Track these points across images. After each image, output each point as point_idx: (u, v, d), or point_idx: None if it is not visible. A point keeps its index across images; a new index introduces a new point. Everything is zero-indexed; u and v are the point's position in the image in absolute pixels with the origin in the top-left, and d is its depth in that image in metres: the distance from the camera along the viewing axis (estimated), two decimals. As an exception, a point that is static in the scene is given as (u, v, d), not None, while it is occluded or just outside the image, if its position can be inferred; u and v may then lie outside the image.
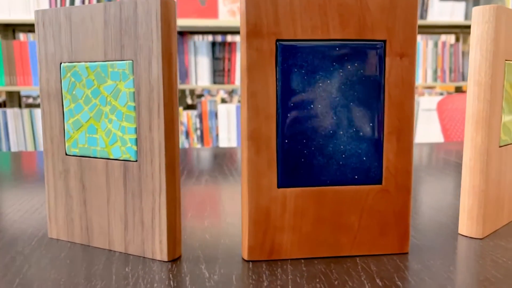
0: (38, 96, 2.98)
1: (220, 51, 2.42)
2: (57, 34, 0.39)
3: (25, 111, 2.21)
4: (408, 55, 0.36)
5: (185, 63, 2.39)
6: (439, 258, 0.37)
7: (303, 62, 0.35)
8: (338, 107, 0.36)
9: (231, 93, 3.85)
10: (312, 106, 0.35)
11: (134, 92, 0.36)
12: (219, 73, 2.44)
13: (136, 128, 0.36)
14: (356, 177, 0.37)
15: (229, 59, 2.43)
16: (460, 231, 0.42)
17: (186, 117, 2.44)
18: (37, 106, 2.71)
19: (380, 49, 0.36)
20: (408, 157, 0.37)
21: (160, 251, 0.36)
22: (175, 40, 0.35)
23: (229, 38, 2.87)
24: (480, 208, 0.41)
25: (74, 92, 0.38)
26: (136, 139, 0.36)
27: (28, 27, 2.34)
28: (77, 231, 0.40)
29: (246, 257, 0.36)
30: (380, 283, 0.32)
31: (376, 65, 0.36)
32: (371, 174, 0.37)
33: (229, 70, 2.43)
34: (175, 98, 0.35)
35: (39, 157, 0.89)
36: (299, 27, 0.35)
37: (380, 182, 0.37)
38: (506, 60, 0.41)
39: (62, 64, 0.39)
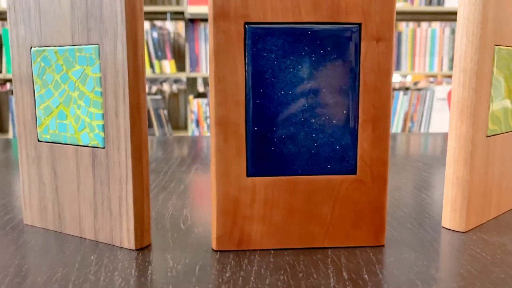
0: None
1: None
2: (27, 18, 0.38)
3: None
4: (385, 39, 0.34)
5: (196, 51, 2.38)
6: (415, 251, 0.35)
7: (273, 46, 0.34)
8: (310, 93, 0.34)
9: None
10: (282, 92, 0.34)
11: (100, 77, 0.35)
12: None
13: (103, 114, 0.35)
14: (329, 166, 0.35)
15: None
16: (443, 224, 0.41)
17: (196, 105, 2.43)
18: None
19: (355, 32, 0.34)
20: (384, 146, 0.35)
21: (127, 240, 0.36)
22: (142, 23, 0.34)
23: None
24: (464, 200, 0.39)
25: (44, 77, 0.38)
26: (103, 125, 0.35)
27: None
28: (50, 217, 0.40)
29: (214, 247, 0.36)
30: (346, 276, 0.31)
31: (350, 50, 0.34)
32: (345, 164, 0.35)
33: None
34: (142, 84, 0.34)
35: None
36: (268, 9, 0.33)
37: (354, 172, 0.36)
38: (495, 45, 0.39)
39: (32, 48, 0.38)
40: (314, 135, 0.35)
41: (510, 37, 0.41)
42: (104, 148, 0.36)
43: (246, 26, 0.33)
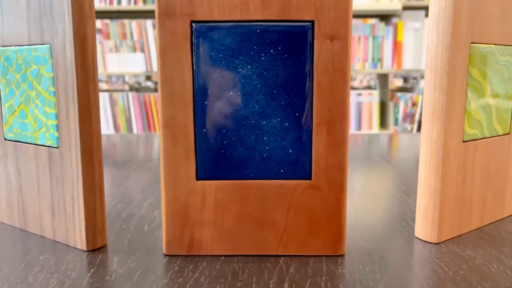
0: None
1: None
2: (-8, 18, 0.38)
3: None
4: (340, 37, 0.32)
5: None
6: (373, 263, 0.33)
7: (221, 45, 0.32)
8: (260, 94, 0.33)
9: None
10: (231, 93, 0.33)
11: (53, 77, 0.35)
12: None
13: (56, 114, 0.35)
14: (282, 171, 0.34)
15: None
16: (416, 234, 0.38)
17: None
18: None
19: (307, 30, 0.32)
20: (341, 151, 0.33)
21: (80, 240, 0.36)
22: (91, 22, 0.34)
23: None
24: (436, 209, 0.37)
25: (7, 77, 0.38)
26: (57, 125, 0.35)
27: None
28: (15, 215, 0.40)
29: (164, 252, 0.35)
30: (286, 287, 0.30)
31: (302, 49, 0.32)
32: (298, 168, 0.34)
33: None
34: (92, 84, 0.34)
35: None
36: (215, 7, 0.32)
37: (309, 177, 0.34)
38: (472, 42, 0.36)
39: (-3, 48, 0.39)
40: (265, 138, 0.33)
41: (493, 34, 0.38)
42: (58, 148, 0.36)
43: (192, 24, 0.32)
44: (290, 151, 0.34)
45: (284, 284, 0.30)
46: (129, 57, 2.33)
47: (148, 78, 2.75)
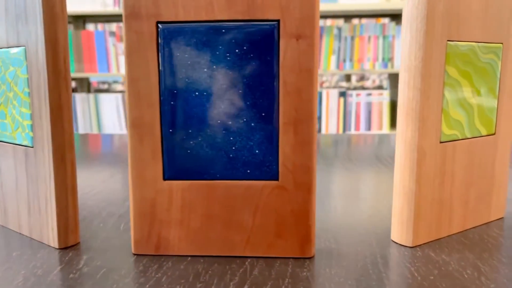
0: (104, 82, 3.16)
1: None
2: (-26, 20, 0.39)
3: (91, 96, 2.36)
4: (306, 36, 0.32)
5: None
6: (341, 266, 0.33)
7: (187, 45, 0.32)
8: (226, 94, 0.33)
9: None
10: (197, 93, 0.33)
11: (28, 78, 0.35)
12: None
13: (31, 114, 0.36)
14: (248, 171, 0.33)
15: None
16: (392, 237, 0.37)
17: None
18: (103, 91, 2.86)
19: (273, 30, 0.32)
20: (308, 152, 0.33)
21: (52, 238, 0.36)
22: (63, 24, 0.34)
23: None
24: (410, 212, 0.36)
25: (-12, 78, 0.39)
26: (32, 125, 0.36)
27: (97, 18, 2.47)
28: (-2, 213, 0.41)
29: (133, 251, 0.35)
30: (243, 290, 0.29)
31: (268, 48, 0.32)
32: (265, 169, 0.33)
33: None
34: (64, 85, 0.35)
35: (103, 139, 0.95)
36: (180, 7, 0.32)
37: (276, 178, 0.33)
38: (449, 40, 0.35)
39: (-22, 49, 0.40)
40: (231, 138, 0.33)
41: (474, 31, 0.36)
42: (33, 147, 0.36)
43: (158, 25, 0.32)
44: (257, 151, 0.33)
45: (244, 286, 0.30)
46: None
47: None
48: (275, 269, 0.32)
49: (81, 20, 2.40)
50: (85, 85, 2.47)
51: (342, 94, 2.26)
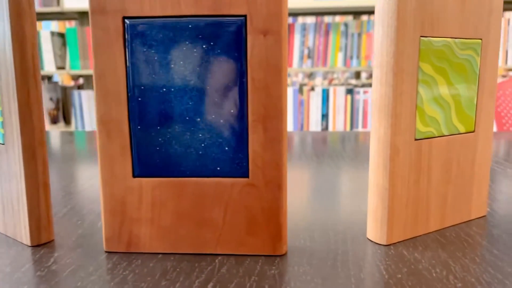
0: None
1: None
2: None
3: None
4: (273, 32, 0.31)
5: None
6: (311, 264, 0.32)
7: (153, 41, 0.32)
8: (194, 91, 0.32)
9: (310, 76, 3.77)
10: (164, 89, 0.32)
11: (-2, 75, 0.35)
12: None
13: (1, 111, 0.36)
14: (218, 168, 0.33)
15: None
16: (367, 235, 0.37)
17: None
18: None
19: (240, 25, 0.31)
20: (278, 149, 0.33)
21: (25, 236, 0.36)
22: (31, 21, 0.34)
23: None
24: (384, 210, 0.35)
25: (-37, 75, 0.39)
26: (2, 122, 0.36)
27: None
28: (-25, 210, 0.41)
29: (105, 248, 0.35)
30: (209, 287, 0.29)
31: (235, 44, 0.32)
32: (235, 166, 0.33)
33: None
34: (33, 82, 0.34)
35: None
36: (146, 2, 0.32)
37: (246, 175, 0.33)
38: (422, 36, 0.34)
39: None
40: (200, 135, 0.33)
41: (450, 27, 0.36)
42: (4, 144, 0.36)
43: (124, 21, 0.32)
44: (226, 148, 0.33)
45: (209, 284, 0.30)
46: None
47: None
48: (244, 266, 0.32)
49: (86, 16, 2.41)
50: (91, 82, 2.48)
51: (349, 92, 2.25)
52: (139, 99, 0.33)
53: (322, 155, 0.71)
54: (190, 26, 0.32)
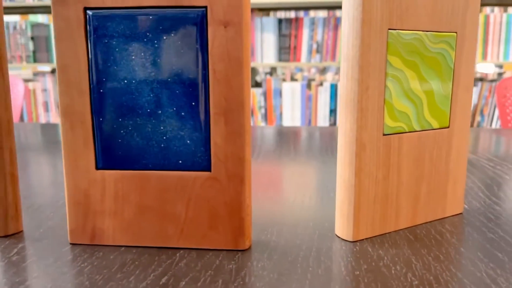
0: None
1: (286, 28, 2.37)
2: None
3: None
4: (234, 23, 0.31)
5: (252, 40, 2.38)
6: (271, 259, 0.32)
7: (114, 32, 0.32)
8: (155, 83, 0.32)
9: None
10: (126, 81, 0.32)
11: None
12: (285, 51, 2.39)
13: (-30, 101, 0.36)
14: (180, 162, 0.33)
15: (296, 36, 2.37)
16: (336, 231, 0.37)
17: (251, 95, 2.44)
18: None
19: (200, 17, 0.31)
20: (240, 142, 0.32)
21: (-7, 226, 0.36)
22: (-2, 12, 0.34)
23: (292, 14, 2.82)
24: (351, 206, 0.35)
25: None
26: (-29, 112, 0.36)
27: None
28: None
29: (69, 240, 0.35)
30: (160, 282, 0.29)
31: (196, 36, 0.31)
32: (197, 160, 0.33)
33: (295, 48, 2.37)
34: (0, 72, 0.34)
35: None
36: (108, -6, 0.31)
37: (208, 169, 0.33)
38: (389, 29, 0.34)
39: None
40: (162, 127, 0.33)
41: (421, 20, 0.35)
42: (-27, 135, 0.36)
43: (86, 11, 0.32)
44: (188, 141, 0.33)
45: (163, 278, 0.29)
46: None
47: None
48: (204, 261, 0.32)
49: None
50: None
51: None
52: (101, 90, 0.33)
53: (325, 151, 0.70)
54: (151, 17, 0.31)
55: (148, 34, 0.32)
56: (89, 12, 0.32)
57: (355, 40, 0.32)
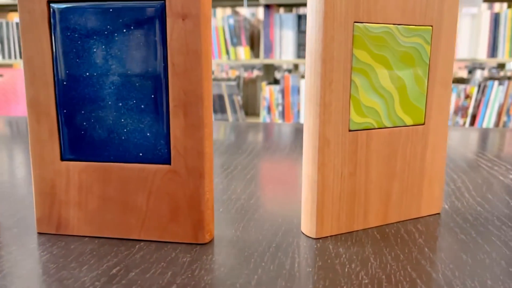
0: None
1: (306, 24, 2.35)
2: None
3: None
4: (192, 16, 0.31)
5: (270, 37, 2.38)
6: (228, 254, 0.32)
7: (76, 25, 0.32)
8: (116, 75, 0.32)
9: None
10: (87, 73, 0.33)
11: None
12: (304, 47, 2.37)
13: None
14: (141, 154, 0.33)
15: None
16: (301, 228, 0.36)
17: (269, 92, 2.43)
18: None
19: (159, 9, 0.31)
20: (199, 136, 0.32)
21: (-33, 214, 0.37)
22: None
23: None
24: (313, 202, 0.34)
25: None
26: None
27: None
28: None
29: (36, 230, 0.36)
30: (110, 273, 0.29)
31: (155, 28, 0.31)
32: (157, 153, 0.33)
33: (314, 44, 2.35)
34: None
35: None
36: (70, -13, 0.32)
37: (168, 162, 0.33)
38: (356, 22, 0.33)
39: None
40: (123, 120, 0.33)
41: (391, 13, 0.34)
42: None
43: (50, 5, 0.32)
44: (148, 134, 0.33)
45: (115, 268, 0.30)
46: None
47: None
48: (161, 253, 0.32)
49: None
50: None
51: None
52: (65, 83, 0.33)
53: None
54: (111, 10, 0.32)
55: (108, 27, 0.32)
56: (53, 5, 0.32)
57: (317, 33, 0.32)
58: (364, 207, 0.36)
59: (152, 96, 0.32)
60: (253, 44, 2.49)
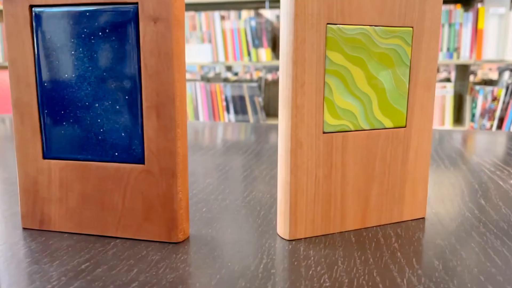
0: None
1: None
2: None
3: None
4: (163, 19, 0.31)
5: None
6: (198, 253, 0.32)
7: (56, 28, 0.33)
8: (92, 77, 0.33)
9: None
10: (66, 75, 0.34)
11: None
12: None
13: None
14: (116, 154, 0.34)
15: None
16: (277, 230, 0.36)
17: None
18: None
19: (132, 13, 0.32)
20: (171, 136, 0.33)
21: (-41, 209, 0.39)
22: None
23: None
24: (287, 204, 0.34)
25: None
26: None
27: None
28: None
29: (21, 225, 0.37)
30: (79, 268, 0.30)
31: (128, 32, 0.32)
32: (132, 152, 0.34)
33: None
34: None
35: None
36: (49, -9, 0.33)
37: (142, 162, 0.34)
38: (328, 24, 0.33)
39: None
40: (99, 120, 0.34)
41: (365, 14, 0.34)
42: None
43: (32, 9, 0.34)
44: (123, 134, 0.34)
45: (84, 264, 0.30)
46: (198, 48, 2.43)
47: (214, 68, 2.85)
48: (133, 251, 0.33)
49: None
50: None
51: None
52: (45, 84, 0.34)
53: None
54: (87, 14, 0.33)
55: (85, 30, 0.33)
56: (34, 10, 0.33)
57: (289, 35, 0.32)
58: (341, 210, 0.36)
59: (127, 97, 0.33)
60: (275, 46, 2.49)
